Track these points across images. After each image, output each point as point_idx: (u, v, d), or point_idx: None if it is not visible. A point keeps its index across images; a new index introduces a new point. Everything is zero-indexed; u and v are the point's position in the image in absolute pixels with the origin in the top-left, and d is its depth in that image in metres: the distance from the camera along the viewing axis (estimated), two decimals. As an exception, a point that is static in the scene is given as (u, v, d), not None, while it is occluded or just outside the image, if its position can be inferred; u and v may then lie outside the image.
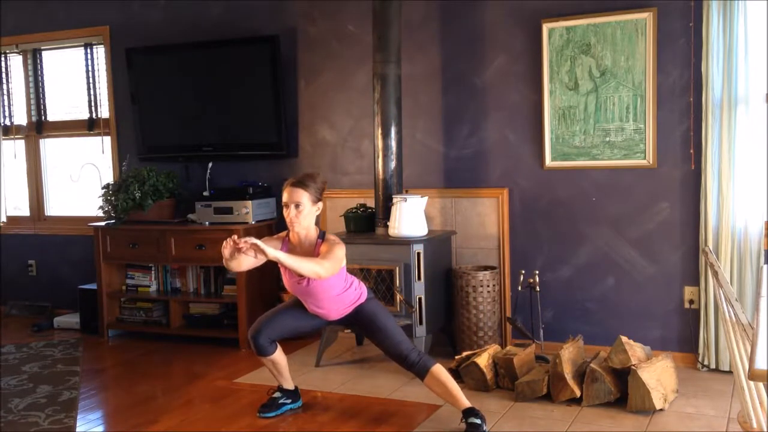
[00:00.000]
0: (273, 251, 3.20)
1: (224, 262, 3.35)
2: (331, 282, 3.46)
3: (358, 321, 3.62)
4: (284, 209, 3.47)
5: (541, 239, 4.55)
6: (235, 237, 3.22)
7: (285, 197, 3.46)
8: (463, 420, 3.37)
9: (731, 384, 3.79)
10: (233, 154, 5.27)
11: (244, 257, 3.34)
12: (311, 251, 3.48)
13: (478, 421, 3.34)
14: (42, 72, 6.10)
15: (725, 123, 3.97)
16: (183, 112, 5.40)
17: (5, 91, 6.19)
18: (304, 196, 3.43)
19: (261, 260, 3.39)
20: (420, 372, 3.45)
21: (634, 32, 4.21)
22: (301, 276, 3.41)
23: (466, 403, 3.41)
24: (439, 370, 3.44)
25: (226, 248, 3.26)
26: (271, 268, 5.17)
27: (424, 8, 4.75)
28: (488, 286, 4.40)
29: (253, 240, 3.19)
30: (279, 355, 3.70)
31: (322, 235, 3.51)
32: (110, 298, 5.40)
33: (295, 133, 5.19)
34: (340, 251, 3.39)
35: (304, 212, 3.43)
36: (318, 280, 3.37)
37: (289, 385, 3.79)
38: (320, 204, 3.52)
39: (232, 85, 5.21)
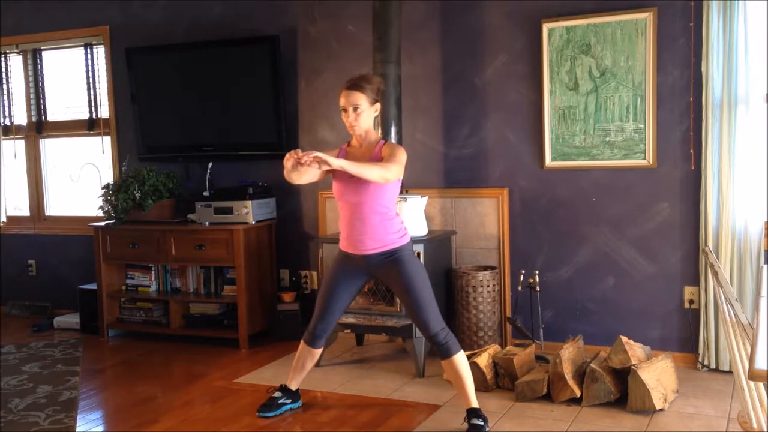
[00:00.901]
0: (336, 160, 3.15)
1: (285, 174, 3.31)
2: (384, 194, 3.36)
3: (394, 276, 3.45)
4: (342, 114, 3.42)
5: (541, 239, 4.56)
6: (299, 151, 3.17)
7: (342, 101, 3.40)
8: (466, 420, 3.37)
9: (731, 384, 3.79)
10: (233, 154, 5.27)
11: (306, 169, 3.29)
12: (371, 153, 3.43)
13: (481, 423, 3.34)
14: (42, 72, 6.10)
15: (725, 123, 3.97)
16: (183, 112, 5.40)
17: (5, 91, 6.19)
18: (361, 98, 3.37)
19: (322, 173, 3.37)
20: (442, 353, 3.40)
21: (634, 32, 4.21)
22: (358, 184, 3.32)
23: (474, 403, 3.40)
24: (460, 358, 3.40)
25: (289, 160, 3.20)
26: (271, 268, 5.20)
27: (424, 8, 4.75)
28: (488, 286, 4.40)
29: (316, 153, 3.15)
30: (318, 353, 3.75)
31: (382, 140, 3.48)
32: (110, 298, 5.40)
33: (295, 133, 5.19)
34: (402, 155, 3.34)
35: (363, 115, 3.38)
36: (374, 188, 3.30)
37: (295, 385, 3.78)
38: (378, 105, 3.45)
39: (232, 85, 5.21)
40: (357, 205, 3.40)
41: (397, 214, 3.50)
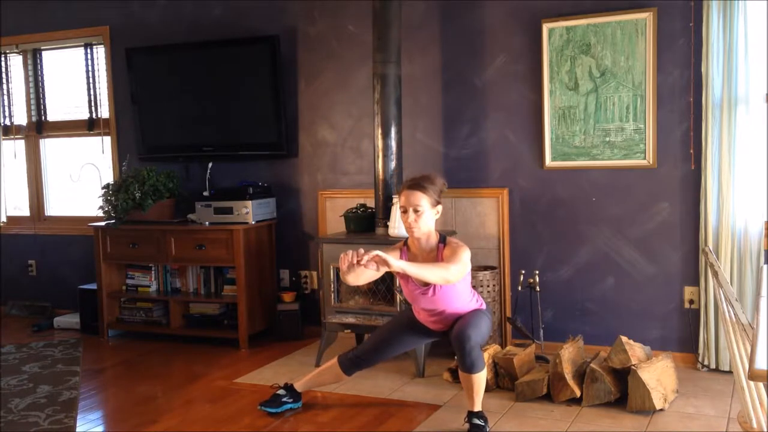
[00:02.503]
0: (397, 261, 3.05)
1: (341, 275, 3.18)
2: (459, 289, 3.32)
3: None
4: (401, 214, 3.32)
5: (541, 239, 4.55)
6: (357, 253, 3.03)
7: (402, 201, 3.31)
8: (467, 420, 3.37)
9: (731, 384, 3.79)
10: (233, 154, 5.27)
11: (363, 270, 3.13)
12: (433, 257, 3.33)
13: (482, 423, 3.34)
14: (42, 72, 6.10)
15: (725, 123, 3.97)
16: (183, 112, 5.40)
17: (5, 91, 6.19)
18: (423, 199, 3.28)
19: (381, 272, 3.23)
20: (466, 367, 3.28)
21: (634, 32, 4.21)
22: (426, 286, 3.28)
23: (478, 407, 3.38)
24: (481, 377, 3.32)
25: (344, 263, 3.07)
26: (271, 268, 5.20)
27: (424, 8, 4.75)
28: (488, 286, 4.40)
29: (376, 252, 3.03)
30: (346, 379, 3.74)
31: (443, 239, 3.36)
32: (110, 298, 5.40)
33: (295, 133, 5.19)
34: (465, 254, 3.24)
35: (424, 216, 3.28)
36: (445, 288, 3.24)
37: (301, 388, 3.79)
38: (440, 207, 3.37)
39: (232, 85, 5.21)
40: (432, 300, 3.35)
41: (473, 295, 3.45)
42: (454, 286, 3.28)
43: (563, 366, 3.65)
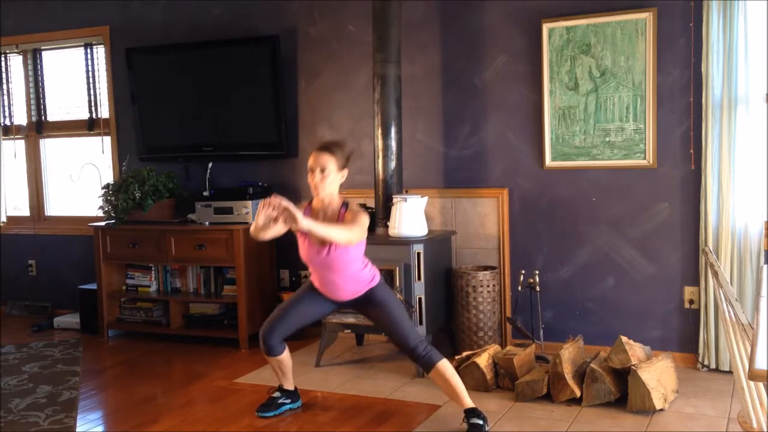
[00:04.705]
0: (305, 220, 3.15)
1: (253, 230, 3.31)
2: (351, 255, 3.42)
3: (367, 306, 3.57)
4: (309, 174, 3.44)
5: (541, 239, 4.55)
6: (272, 199, 3.15)
7: (311, 161, 3.44)
8: (465, 420, 3.37)
9: (731, 384, 3.79)
10: (233, 154, 5.27)
11: (273, 226, 3.27)
12: (334, 218, 3.44)
13: (480, 422, 3.34)
14: (42, 72, 6.10)
15: (725, 123, 3.97)
16: (183, 112, 5.40)
17: (5, 91, 6.19)
18: (330, 161, 3.41)
19: (286, 229, 3.32)
20: (425, 365, 3.44)
21: (634, 32, 4.21)
22: (322, 245, 3.38)
23: (469, 402, 3.41)
24: (445, 365, 3.42)
25: (261, 215, 3.20)
26: (271, 268, 5.20)
27: (424, 8, 4.75)
28: (488, 286, 4.40)
29: (287, 203, 3.14)
30: (286, 356, 3.70)
31: (345, 204, 3.48)
32: (110, 298, 5.40)
33: (295, 133, 5.19)
34: (365, 219, 3.36)
35: (329, 178, 3.41)
36: (340, 250, 3.35)
37: (290, 385, 3.79)
38: (345, 171, 3.49)
39: (232, 85, 5.21)
40: (325, 262, 3.45)
41: (365, 264, 3.54)
42: (348, 250, 3.39)
43: (563, 366, 3.65)
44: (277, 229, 3.32)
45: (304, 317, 3.68)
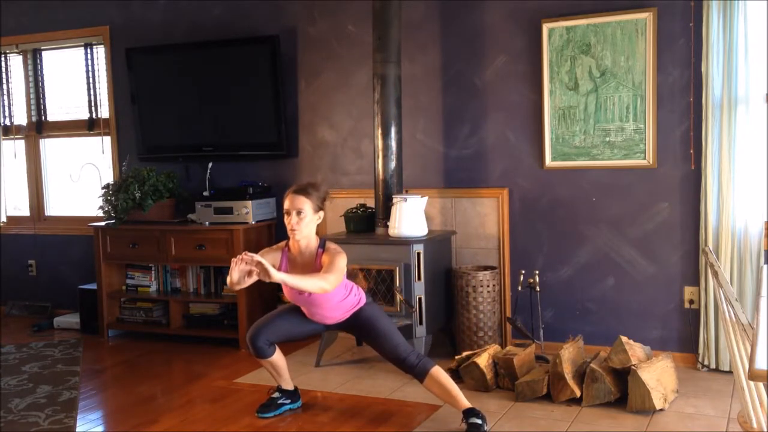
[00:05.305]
0: (278, 274, 3.18)
1: (228, 283, 3.30)
2: (333, 291, 3.43)
3: (356, 325, 3.63)
4: (285, 217, 3.46)
5: (541, 239, 4.55)
6: (244, 256, 3.16)
7: (286, 204, 3.45)
8: (464, 420, 3.37)
9: (731, 384, 3.79)
10: (233, 154, 5.27)
11: (250, 280, 3.27)
12: (312, 261, 3.48)
13: (479, 422, 3.34)
14: (42, 72, 6.10)
15: (725, 123, 3.97)
16: (183, 112, 5.40)
17: (5, 91, 6.19)
18: (306, 204, 3.43)
19: (255, 279, 3.30)
20: (419, 374, 3.45)
21: (634, 32, 4.21)
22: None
23: (466, 403, 3.41)
24: (438, 372, 3.43)
25: (235, 272, 3.20)
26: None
27: (424, 8, 4.75)
28: (488, 286, 4.40)
29: (259, 259, 3.15)
30: (278, 357, 3.71)
31: (322, 244, 3.50)
32: (110, 298, 5.40)
33: (295, 133, 5.19)
34: (342, 261, 3.38)
35: (305, 220, 3.42)
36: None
37: (288, 385, 3.79)
38: (322, 213, 3.51)
39: (232, 85, 5.21)
40: (308, 301, 3.52)
41: (349, 291, 3.56)
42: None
43: (563, 366, 3.65)
44: (252, 281, 3.31)
45: (293, 330, 3.71)
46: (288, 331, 3.69)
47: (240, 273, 3.22)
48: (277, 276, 3.17)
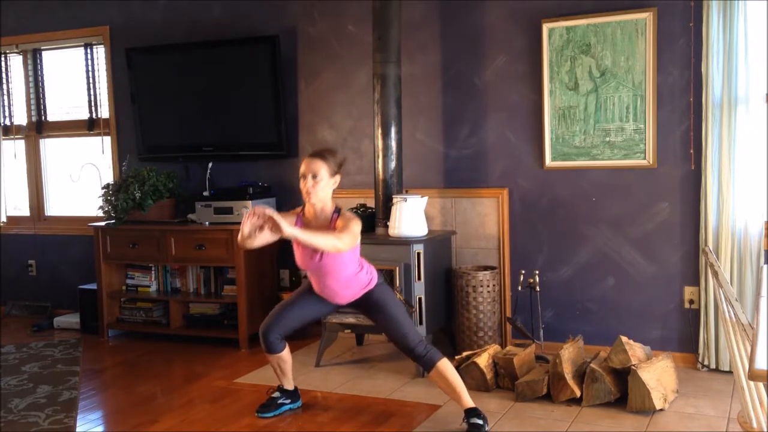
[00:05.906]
0: (289, 228, 3.14)
1: (239, 239, 3.27)
2: (345, 260, 3.42)
3: (367, 306, 3.58)
4: (301, 180, 3.44)
5: (541, 239, 4.55)
6: (256, 209, 3.15)
7: (302, 168, 3.43)
8: (465, 420, 3.37)
9: (731, 384, 3.79)
10: (233, 154, 5.27)
11: (260, 234, 3.22)
12: (326, 225, 3.44)
13: (480, 422, 3.34)
14: (42, 72, 6.10)
15: (725, 123, 3.97)
16: (183, 112, 5.40)
17: (5, 91, 6.19)
18: (322, 168, 3.40)
19: (275, 237, 3.28)
20: (426, 365, 3.44)
21: (634, 32, 4.21)
22: (315, 251, 3.38)
23: (470, 402, 3.41)
24: (445, 365, 3.42)
25: (246, 224, 3.17)
26: (271, 268, 5.19)
27: (424, 8, 4.75)
28: (488, 286, 4.40)
29: (271, 214, 3.12)
30: (286, 354, 3.70)
31: (337, 210, 3.48)
32: (110, 298, 5.40)
33: (295, 133, 5.19)
34: (356, 226, 3.35)
35: (321, 183, 3.40)
36: (333, 255, 3.35)
37: (289, 385, 3.79)
38: (338, 177, 3.48)
39: (232, 85, 5.21)
40: (319, 267, 3.47)
41: (361, 267, 3.54)
42: (340, 255, 3.38)
43: (563, 366, 3.65)
44: (264, 238, 3.28)
45: (304, 316, 3.69)
46: (299, 317, 3.66)
47: (252, 227, 3.17)
48: (288, 230, 3.13)
